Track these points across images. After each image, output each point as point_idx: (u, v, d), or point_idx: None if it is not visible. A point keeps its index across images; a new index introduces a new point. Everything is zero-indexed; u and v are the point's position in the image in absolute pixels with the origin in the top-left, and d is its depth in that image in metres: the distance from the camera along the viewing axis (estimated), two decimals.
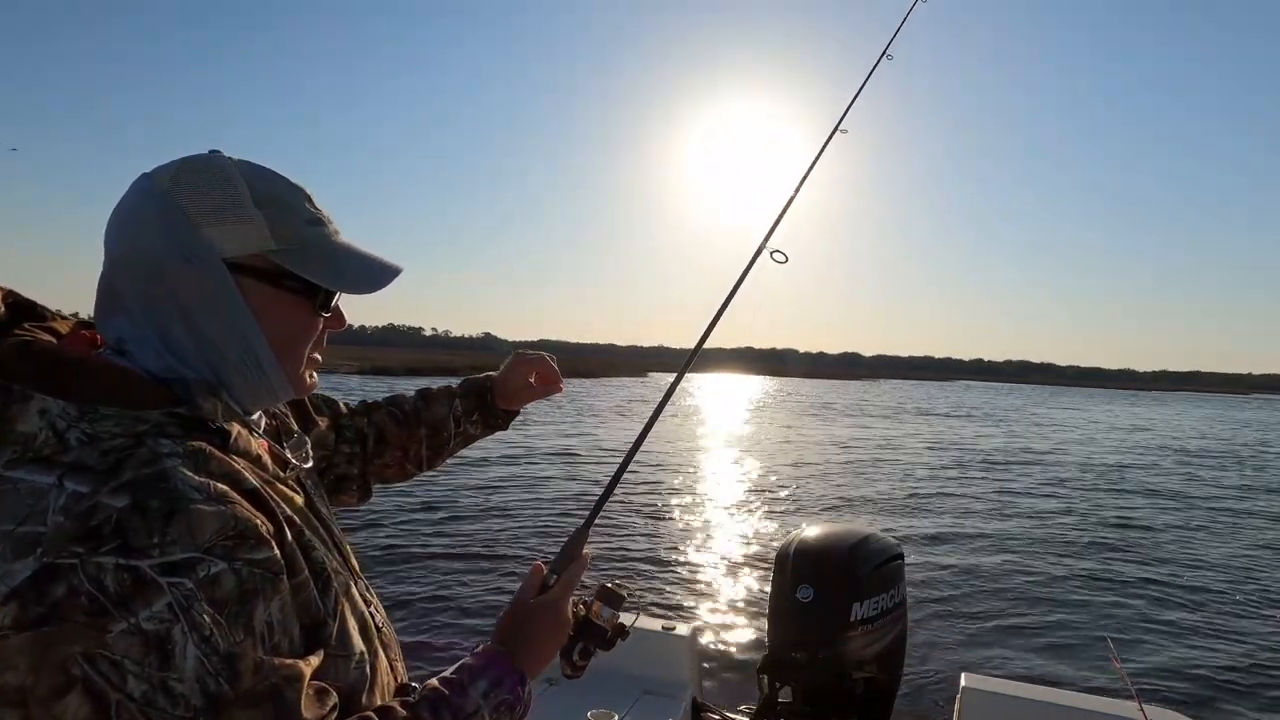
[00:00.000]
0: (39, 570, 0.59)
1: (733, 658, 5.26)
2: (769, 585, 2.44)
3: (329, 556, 0.80)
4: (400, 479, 1.31)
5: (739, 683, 4.79)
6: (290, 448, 0.91)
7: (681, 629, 2.73)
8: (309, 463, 0.92)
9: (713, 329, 1.47)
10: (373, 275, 0.85)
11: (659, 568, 7.46)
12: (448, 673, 0.84)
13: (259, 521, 0.69)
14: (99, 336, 0.79)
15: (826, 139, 1.75)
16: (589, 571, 1.03)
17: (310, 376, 0.86)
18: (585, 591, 1.06)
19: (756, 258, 1.53)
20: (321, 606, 0.75)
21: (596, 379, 63.36)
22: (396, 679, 0.88)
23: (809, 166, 1.70)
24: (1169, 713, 2.25)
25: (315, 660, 0.70)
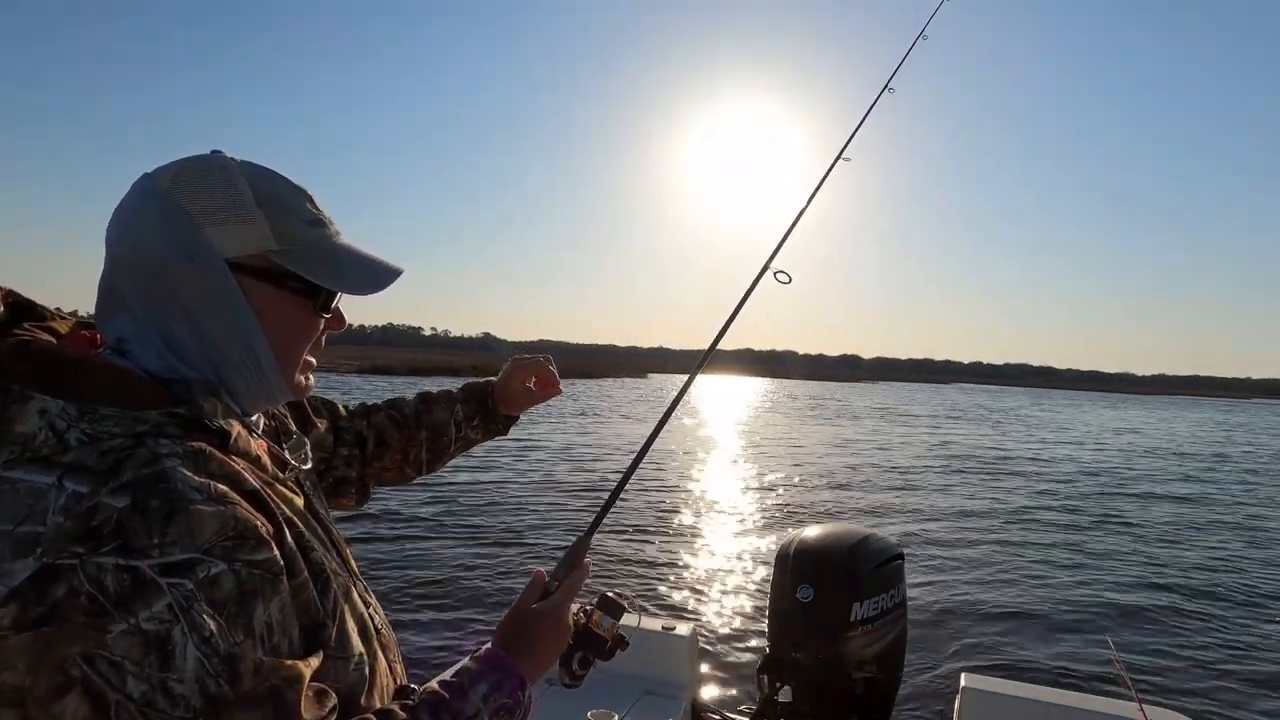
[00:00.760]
0: (39, 570, 0.59)
1: (733, 658, 5.25)
2: (769, 585, 2.44)
3: (328, 558, 0.80)
4: (399, 482, 1.31)
5: (739, 683, 4.79)
6: (289, 449, 0.91)
7: (681, 629, 2.73)
8: (308, 464, 0.92)
9: (715, 347, 1.48)
10: (374, 276, 0.85)
11: (659, 568, 7.45)
12: (447, 676, 0.84)
13: (259, 522, 0.68)
14: (98, 336, 0.79)
15: (829, 168, 1.78)
16: (590, 577, 1.03)
17: (305, 379, 0.86)
18: (586, 600, 1.06)
19: (760, 278, 1.54)
20: (321, 608, 0.75)
21: (596, 380, 63.36)
22: (396, 680, 0.88)
23: (811, 194, 1.72)
24: (1169, 713, 2.25)
25: (315, 661, 0.70)
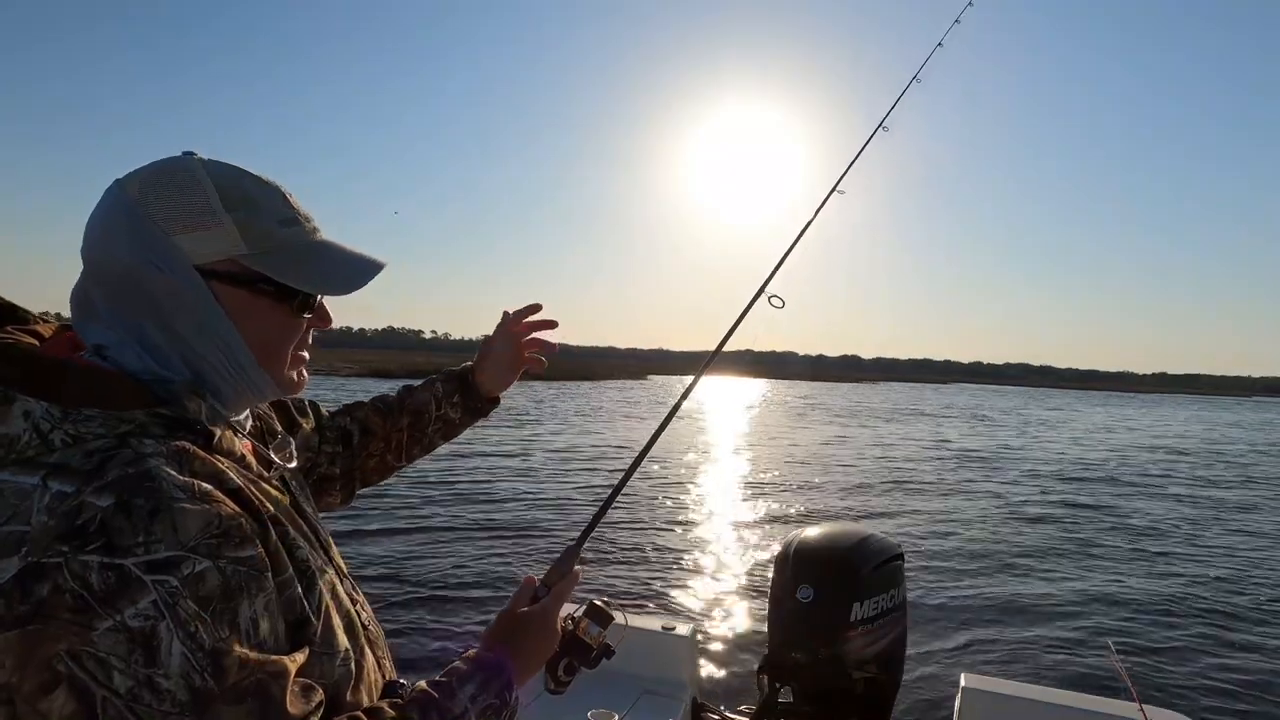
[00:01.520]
0: (24, 569, 0.59)
1: (733, 658, 5.25)
2: (769, 585, 2.44)
3: (313, 555, 0.81)
4: (382, 474, 1.30)
5: (739, 683, 4.79)
6: (274, 448, 0.92)
7: (681, 629, 2.73)
8: (293, 462, 0.92)
9: (704, 370, 1.52)
10: (348, 276, 0.84)
11: (659, 567, 7.45)
12: (437, 676, 0.85)
13: (243, 520, 0.69)
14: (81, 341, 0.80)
15: (823, 201, 1.83)
16: (591, 576, 1.03)
17: (298, 375, 0.86)
18: (575, 607, 1.07)
19: (754, 302, 1.57)
20: (305, 604, 0.75)
21: (595, 381, 63.35)
22: (384, 676, 0.89)
23: (805, 224, 1.77)
24: (1169, 713, 2.25)
25: (300, 657, 0.71)
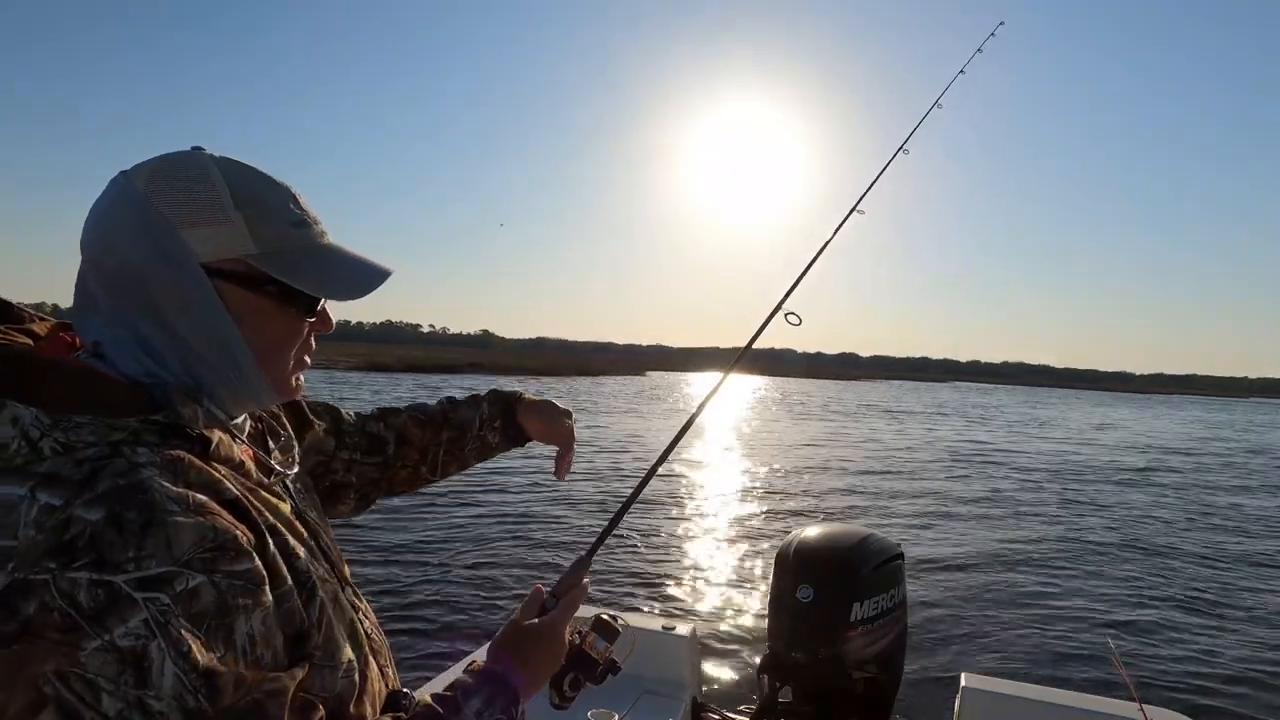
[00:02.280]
0: (10, 585, 0.57)
1: (733, 658, 5.25)
2: (769, 585, 2.43)
3: (314, 564, 0.78)
4: (413, 485, 1.27)
5: (739, 683, 4.79)
6: (278, 450, 0.90)
7: (681, 629, 2.72)
8: (295, 468, 0.90)
9: (721, 384, 1.48)
10: (356, 281, 0.82)
11: (659, 567, 7.44)
12: (442, 690, 0.84)
13: (239, 532, 0.67)
14: (78, 338, 0.77)
15: (842, 220, 1.83)
16: (591, 578, 1.03)
17: (296, 380, 0.83)
18: (581, 621, 1.06)
19: (771, 319, 1.57)
20: (305, 616, 0.73)
21: (594, 377, 63.35)
22: (388, 685, 0.87)
23: (823, 245, 1.77)
24: (1169, 713, 2.25)
25: (299, 673, 0.69)
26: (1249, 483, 16.38)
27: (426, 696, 0.82)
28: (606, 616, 1.05)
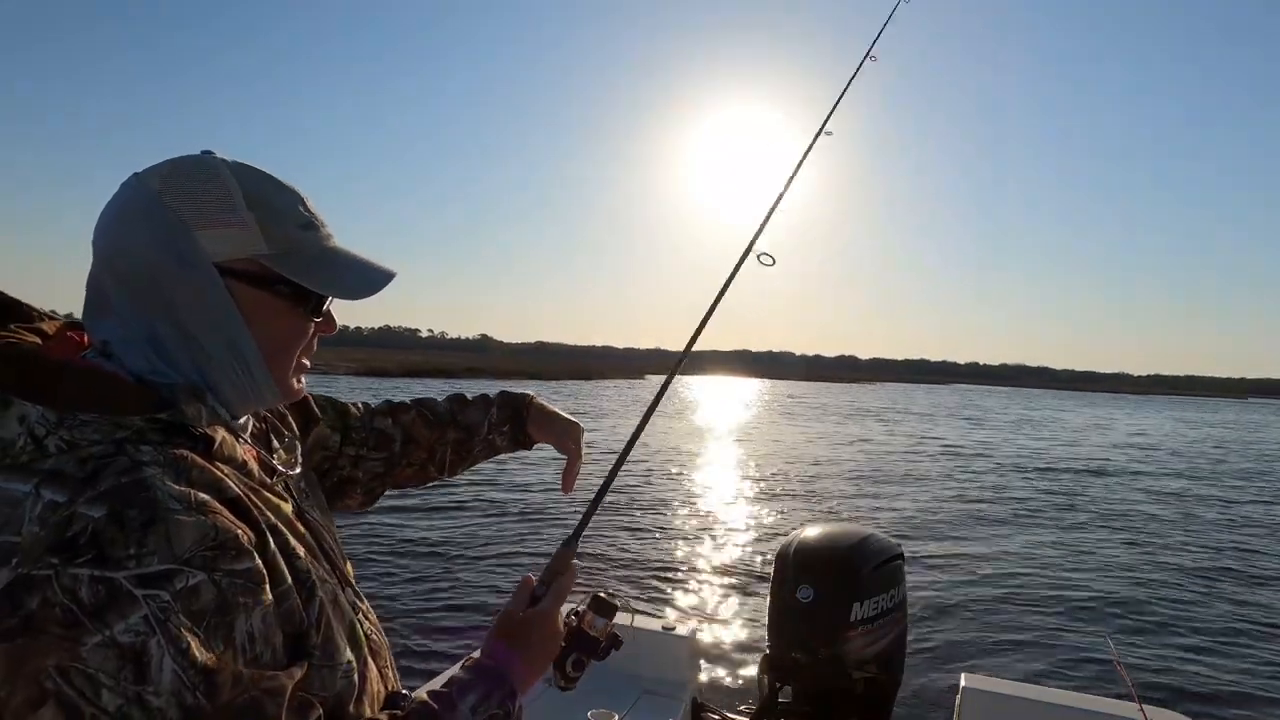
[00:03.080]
0: (13, 581, 0.58)
1: (733, 658, 5.25)
2: (769, 585, 2.43)
3: (315, 565, 0.79)
4: (419, 482, 1.27)
5: (739, 683, 4.80)
6: (282, 449, 0.90)
7: (681, 629, 2.72)
8: (297, 468, 0.91)
9: (701, 331, 1.45)
10: (366, 281, 0.83)
11: (659, 568, 7.45)
12: (437, 686, 0.83)
13: (240, 531, 0.67)
14: (86, 338, 0.78)
15: (811, 142, 1.73)
16: (584, 578, 1.02)
17: (298, 381, 0.85)
18: (577, 601, 1.05)
19: (743, 260, 1.51)
20: (305, 616, 0.73)
21: (593, 381, 63.34)
22: (387, 686, 0.87)
23: (794, 169, 1.67)
24: (1169, 713, 2.25)
25: (298, 672, 0.69)
26: (1249, 483, 16.40)
27: (422, 694, 0.82)
28: (603, 594, 1.05)
